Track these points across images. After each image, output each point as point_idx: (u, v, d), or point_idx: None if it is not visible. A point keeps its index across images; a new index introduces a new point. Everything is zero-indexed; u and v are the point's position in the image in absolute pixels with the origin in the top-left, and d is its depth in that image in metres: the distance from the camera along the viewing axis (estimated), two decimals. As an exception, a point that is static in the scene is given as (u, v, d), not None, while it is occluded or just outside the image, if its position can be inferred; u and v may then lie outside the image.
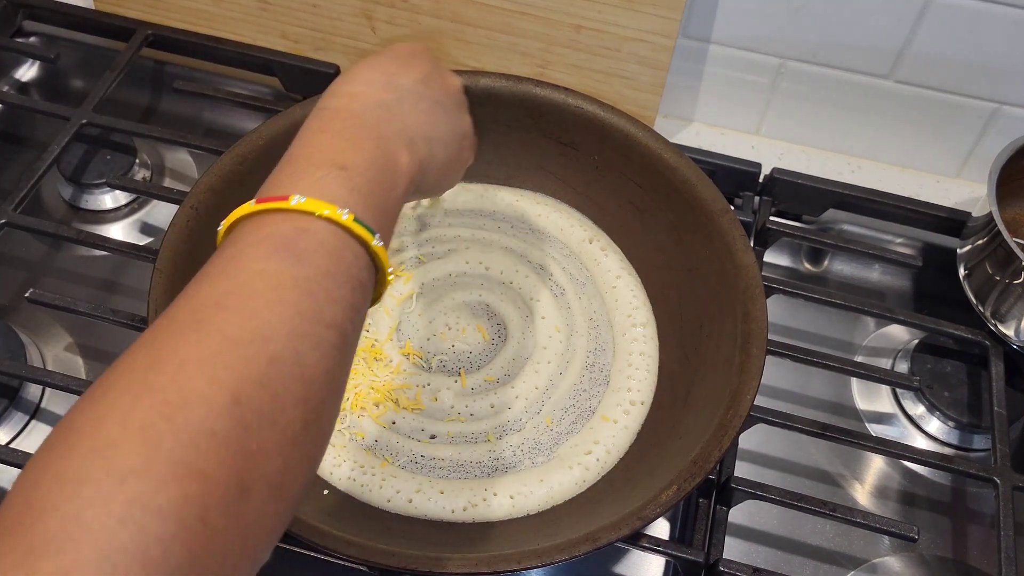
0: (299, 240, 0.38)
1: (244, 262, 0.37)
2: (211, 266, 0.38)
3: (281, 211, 0.39)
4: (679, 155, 0.69)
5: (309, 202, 0.39)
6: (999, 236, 0.69)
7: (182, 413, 0.31)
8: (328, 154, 0.43)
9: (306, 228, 0.39)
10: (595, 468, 0.63)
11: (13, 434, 0.68)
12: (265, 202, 0.40)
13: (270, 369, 0.34)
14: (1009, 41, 0.77)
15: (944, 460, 0.66)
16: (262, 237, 0.38)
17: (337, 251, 0.39)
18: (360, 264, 0.40)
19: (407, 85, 0.50)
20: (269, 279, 0.37)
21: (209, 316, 0.35)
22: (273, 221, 0.39)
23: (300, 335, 0.36)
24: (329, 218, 0.39)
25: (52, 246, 0.79)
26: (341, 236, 0.40)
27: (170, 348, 0.34)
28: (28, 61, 0.92)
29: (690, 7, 0.80)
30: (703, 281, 0.67)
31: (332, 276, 0.38)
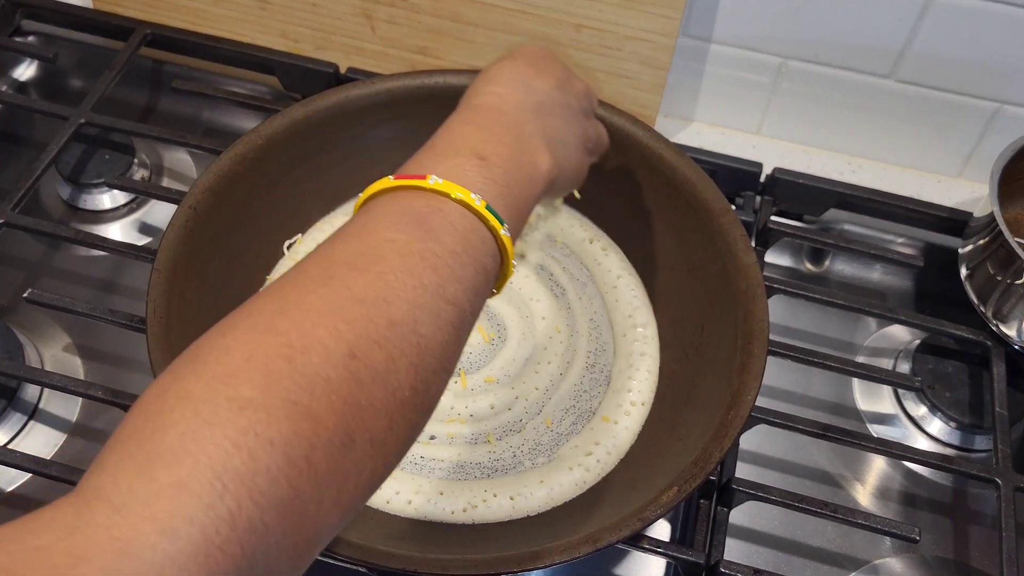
0: (431, 217, 0.40)
1: (377, 230, 0.39)
2: (345, 230, 0.40)
3: (417, 188, 0.41)
4: (680, 155, 0.69)
5: (445, 184, 0.41)
6: (1001, 236, 0.69)
7: (302, 357, 0.33)
8: (470, 143, 0.45)
9: (439, 207, 0.40)
10: (595, 469, 0.62)
11: (11, 435, 0.67)
12: (404, 179, 0.41)
13: (388, 332, 0.36)
14: (1011, 40, 0.76)
15: (945, 461, 0.66)
16: (396, 210, 0.40)
17: (466, 233, 0.41)
18: (486, 250, 0.42)
19: (544, 89, 0.52)
20: (398, 248, 0.38)
21: (338, 273, 0.37)
22: (408, 197, 0.41)
23: (421, 305, 0.37)
24: (462, 201, 0.41)
25: (50, 246, 0.78)
26: (471, 220, 0.41)
27: (297, 296, 0.35)
28: (26, 60, 0.92)
29: (691, 6, 0.80)
30: (704, 281, 0.67)
31: (458, 256, 0.40)
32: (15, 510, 0.64)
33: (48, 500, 0.64)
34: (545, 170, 0.48)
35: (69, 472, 0.61)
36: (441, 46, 0.84)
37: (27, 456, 0.62)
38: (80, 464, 0.63)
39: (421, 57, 0.86)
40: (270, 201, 0.70)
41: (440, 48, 0.85)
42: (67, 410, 0.69)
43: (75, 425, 0.69)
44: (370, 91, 0.71)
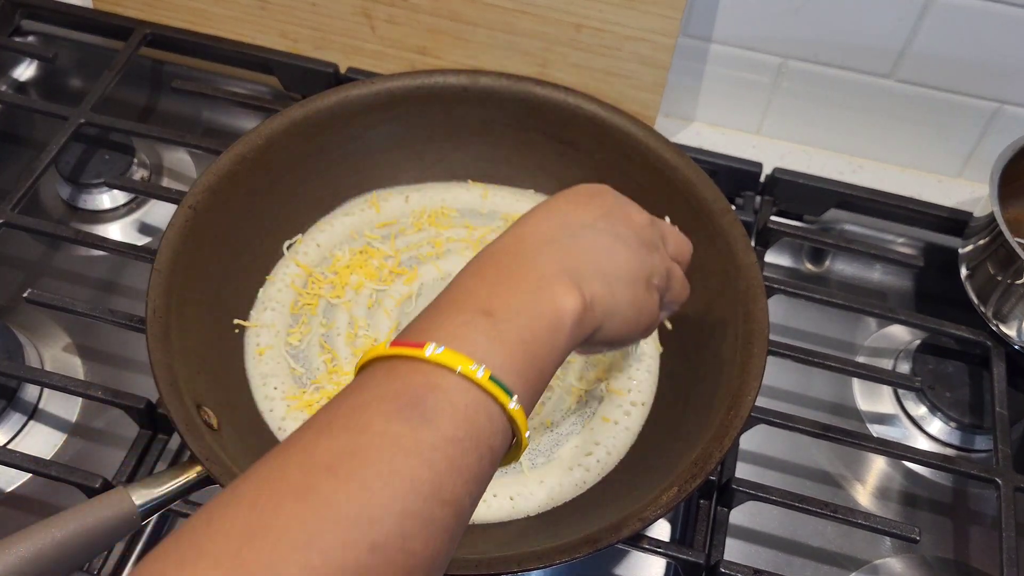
0: (428, 398, 0.35)
1: (366, 418, 0.35)
2: (334, 412, 0.36)
3: (414, 360, 0.37)
4: (680, 155, 0.69)
5: (444, 354, 0.36)
6: (1001, 236, 0.69)
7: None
8: (475, 298, 0.40)
9: (437, 384, 0.36)
10: (595, 469, 0.62)
11: (11, 435, 0.67)
12: (400, 346, 0.37)
13: (370, 558, 0.32)
14: (1011, 40, 0.76)
15: (946, 461, 0.66)
16: (390, 391, 0.36)
17: (469, 413, 0.36)
18: (493, 428, 0.37)
19: (584, 221, 0.46)
20: (389, 444, 0.34)
21: (318, 482, 0.32)
22: (405, 371, 0.36)
23: (411, 515, 0.33)
24: (462, 374, 0.36)
25: (50, 246, 0.78)
26: (475, 395, 0.36)
27: (270, 516, 0.32)
28: (26, 60, 0.92)
29: (691, 6, 0.80)
30: (704, 281, 0.66)
31: (459, 443, 0.35)
32: (15, 510, 0.64)
33: (48, 500, 0.63)
34: (571, 313, 0.41)
35: (69, 472, 0.61)
36: (441, 46, 0.84)
37: (27, 456, 0.62)
38: (80, 464, 0.62)
39: (421, 57, 0.86)
40: (270, 201, 0.70)
41: (440, 48, 0.85)
42: (67, 410, 0.69)
43: (75, 425, 0.69)
44: (370, 91, 0.71)
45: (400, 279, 0.71)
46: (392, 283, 0.71)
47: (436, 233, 0.74)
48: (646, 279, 0.47)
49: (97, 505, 0.49)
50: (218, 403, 0.59)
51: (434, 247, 0.74)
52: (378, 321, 0.69)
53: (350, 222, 0.74)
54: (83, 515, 0.49)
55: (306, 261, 0.71)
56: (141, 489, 0.51)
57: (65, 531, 0.48)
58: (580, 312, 0.41)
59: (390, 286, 0.71)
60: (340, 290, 0.70)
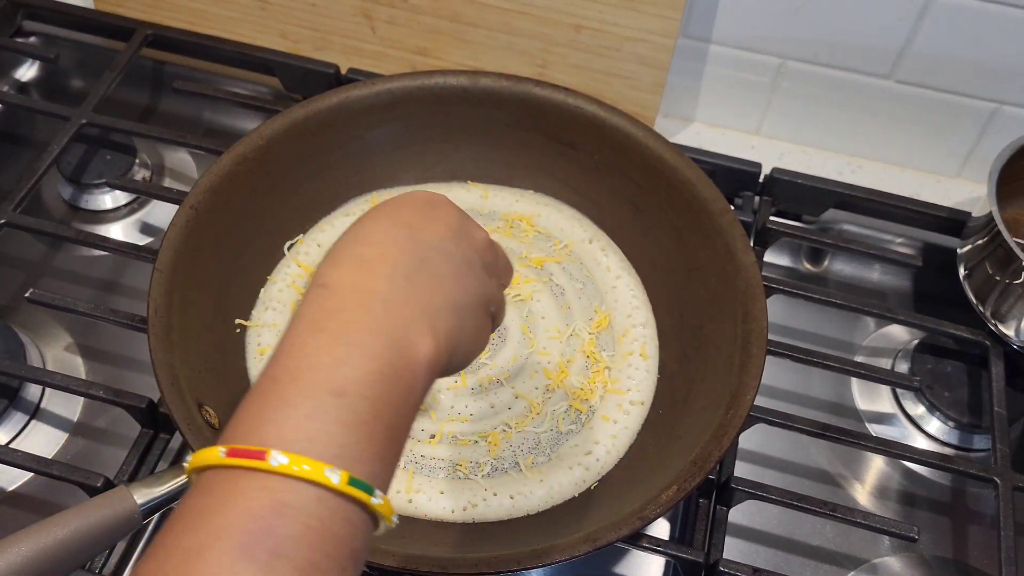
0: (278, 524, 0.31)
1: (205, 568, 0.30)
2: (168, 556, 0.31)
3: (256, 471, 0.32)
4: (679, 155, 0.69)
5: (293, 461, 0.31)
6: (999, 236, 0.69)
7: None
8: (323, 372, 0.34)
9: (288, 502, 0.31)
10: (595, 468, 0.63)
11: (13, 434, 0.68)
12: (238, 457, 0.32)
13: None
14: (1009, 41, 0.77)
15: (944, 460, 0.66)
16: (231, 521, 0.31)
17: (326, 527, 0.32)
18: (354, 532, 0.33)
19: (431, 240, 0.41)
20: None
21: None
22: (247, 489, 0.31)
23: None
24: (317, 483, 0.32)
25: (52, 246, 0.79)
26: (332, 504, 0.32)
27: None
28: (28, 61, 0.92)
29: (690, 7, 0.80)
30: (703, 281, 0.67)
31: (317, 567, 0.31)
32: (17, 509, 0.64)
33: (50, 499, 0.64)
34: (426, 363, 0.37)
35: (70, 471, 0.61)
36: (441, 46, 0.85)
37: (29, 455, 0.62)
38: (82, 463, 0.63)
39: (421, 58, 0.86)
40: (271, 201, 0.70)
41: (440, 48, 0.85)
42: (68, 410, 0.69)
43: (76, 424, 0.69)
44: (370, 92, 0.71)
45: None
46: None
47: (436, 233, 0.74)
48: (486, 303, 0.44)
49: (99, 504, 0.50)
50: (219, 402, 0.60)
51: (434, 247, 0.74)
52: (378, 321, 0.69)
53: (351, 222, 0.74)
54: (85, 514, 0.49)
55: (307, 261, 0.71)
56: (143, 488, 0.51)
57: (67, 530, 0.48)
58: (435, 357, 0.38)
59: None
60: (341, 290, 0.70)
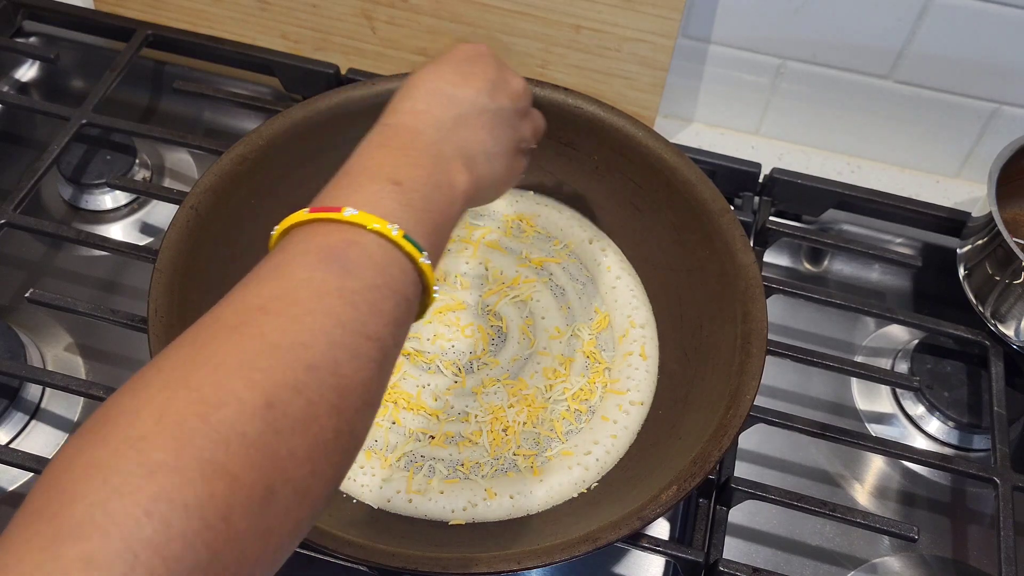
0: (347, 251, 0.39)
1: (292, 269, 0.38)
2: (259, 270, 0.39)
3: (333, 221, 0.40)
4: (679, 155, 0.69)
5: (361, 215, 0.40)
6: (999, 236, 0.69)
7: (216, 413, 0.32)
8: (385, 169, 0.44)
9: (355, 240, 0.39)
10: (595, 468, 0.63)
11: (13, 434, 0.68)
12: (318, 211, 0.40)
13: (306, 376, 0.35)
14: (1009, 41, 0.77)
15: (944, 460, 0.66)
16: (311, 247, 0.39)
17: (384, 265, 0.40)
18: (407, 279, 0.41)
19: (469, 97, 0.50)
20: (314, 288, 0.37)
21: (251, 319, 0.36)
22: (324, 231, 0.40)
23: (340, 345, 0.36)
24: (379, 232, 0.40)
25: (52, 246, 0.79)
26: (389, 251, 0.40)
27: (211, 348, 0.34)
28: (28, 61, 0.92)
29: (690, 7, 0.80)
30: (703, 281, 0.67)
31: (377, 289, 0.39)
32: (17, 509, 0.64)
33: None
34: (463, 190, 0.47)
35: (71, 471, 0.61)
36: (441, 47, 0.85)
37: (29, 455, 0.62)
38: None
39: (421, 58, 0.86)
40: (271, 201, 0.70)
41: (440, 49, 0.85)
42: (69, 410, 0.69)
43: (77, 424, 0.69)
44: (371, 92, 0.71)
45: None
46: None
47: (436, 233, 0.74)
48: (517, 146, 0.54)
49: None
50: (219, 402, 0.60)
51: (434, 247, 0.74)
52: (378, 321, 0.69)
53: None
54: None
55: (307, 261, 0.71)
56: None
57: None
58: (469, 189, 0.47)
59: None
60: (341, 290, 0.70)
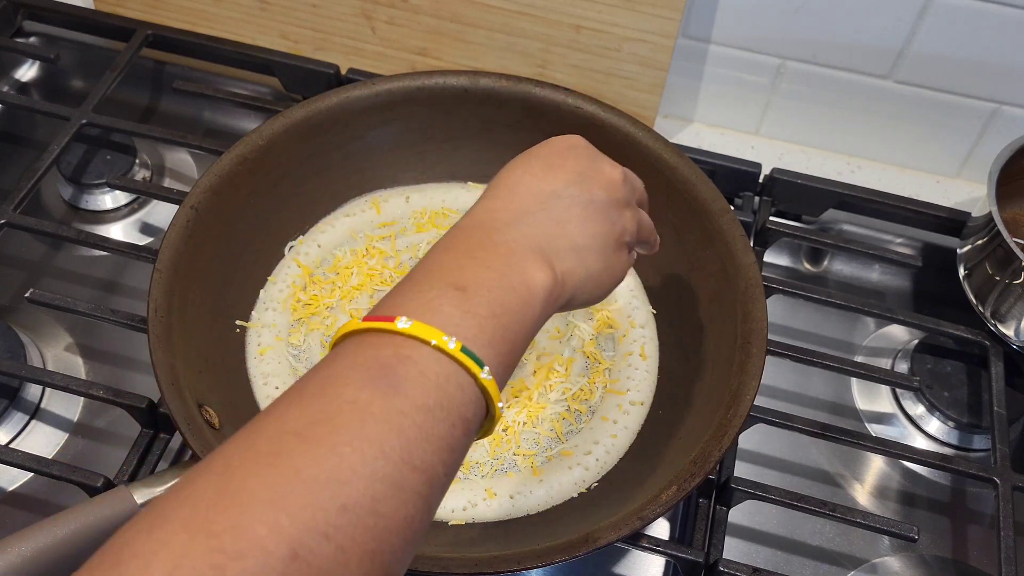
0: (399, 368, 0.36)
1: (337, 388, 0.35)
2: (305, 385, 0.36)
3: (386, 332, 0.37)
4: (679, 155, 0.69)
5: (416, 326, 0.37)
6: (999, 236, 0.69)
7: (235, 565, 0.29)
8: (448, 273, 0.41)
9: (408, 355, 0.36)
10: (595, 468, 0.63)
11: (13, 434, 0.68)
12: (372, 320, 0.38)
13: (340, 518, 0.32)
14: (1009, 41, 0.77)
15: (944, 460, 0.66)
16: (360, 361, 0.36)
17: (439, 383, 0.36)
18: (466, 398, 0.37)
19: (555, 190, 0.46)
20: (359, 411, 0.34)
21: (288, 448, 0.33)
22: (376, 343, 0.37)
23: (382, 478, 0.33)
24: (435, 346, 0.37)
25: (52, 246, 0.79)
26: (446, 366, 0.37)
27: (239, 481, 0.32)
28: (28, 61, 0.92)
29: (690, 7, 0.80)
30: (703, 281, 0.67)
31: (430, 411, 0.35)
32: (17, 509, 0.65)
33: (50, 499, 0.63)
34: (542, 287, 0.42)
35: (70, 471, 0.61)
36: (441, 47, 0.85)
37: (29, 455, 0.62)
38: (82, 463, 0.63)
39: (421, 58, 0.86)
40: (271, 201, 0.70)
41: (440, 49, 0.85)
42: (68, 410, 0.69)
43: (76, 424, 0.69)
44: (370, 92, 0.72)
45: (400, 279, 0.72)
46: (392, 284, 0.71)
47: (437, 234, 0.75)
48: (616, 240, 0.49)
49: (99, 504, 0.50)
50: (220, 402, 0.60)
51: (434, 247, 0.74)
52: (378, 321, 0.69)
53: (351, 223, 0.74)
54: (85, 514, 0.49)
55: (307, 262, 0.71)
56: (143, 488, 0.51)
57: (67, 530, 0.48)
58: (551, 287, 0.43)
59: (390, 287, 0.71)
60: (341, 290, 0.70)
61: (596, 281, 0.48)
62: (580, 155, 0.49)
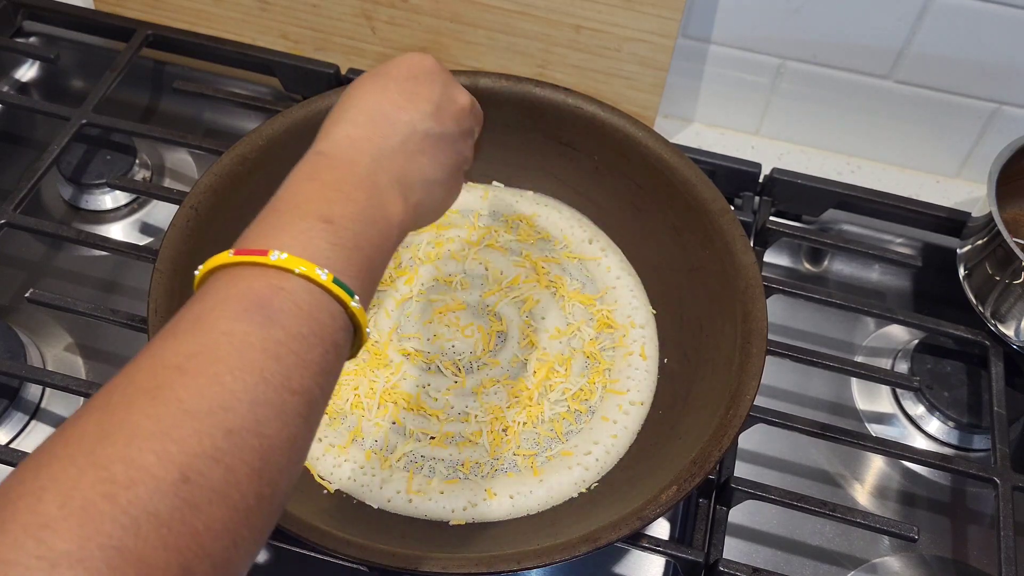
0: (273, 299, 0.37)
1: (213, 321, 0.36)
2: (179, 322, 0.37)
3: (258, 265, 0.38)
4: (679, 155, 0.69)
5: (288, 259, 0.38)
6: (999, 236, 0.69)
7: (126, 493, 0.30)
8: (315, 205, 0.41)
9: (281, 286, 0.37)
10: (595, 468, 0.63)
11: (13, 434, 0.68)
12: (243, 254, 0.38)
13: (226, 442, 0.33)
14: (1009, 41, 0.77)
15: (944, 460, 0.66)
16: (234, 294, 0.37)
17: (312, 311, 0.38)
18: (336, 325, 0.39)
19: (412, 121, 0.48)
20: (236, 341, 0.35)
21: (168, 381, 0.33)
22: (249, 276, 0.38)
23: (263, 403, 0.34)
24: (307, 276, 0.38)
25: (52, 246, 0.79)
26: (318, 295, 0.38)
27: (122, 415, 0.32)
28: (28, 61, 0.92)
29: (690, 7, 0.80)
30: (703, 281, 0.67)
31: (304, 338, 0.37)
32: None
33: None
34: (398, 221, 0.45)
35: (71, 471, 0.61)
36: (441, 47, 0.85)
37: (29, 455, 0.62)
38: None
39: (421, 58, 0.86)
40: (271, 201, 0.70)
41: (440, 49, 0.85)
42: (69, 410, 0.69)
43: (77, 425, 0.69)
44: (370, 92, 0.71)
45: (400, 279, 0.72)
46: (392, 283, 0.71)
47: (436, 234, 0.75)
48: (459, 168, 0.52)
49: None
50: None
51: (434, 247, 0.74)
52: (379, 321, 0.69)
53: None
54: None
55: (307, 261, 0.71)
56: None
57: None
58: (406, 219, 0.46)
59: (390, 287, 0.71)
60: (341, 290, 0.70)
61: (438, 208, 0.51)
62: (435, 81, 0.50)
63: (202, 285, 0.39)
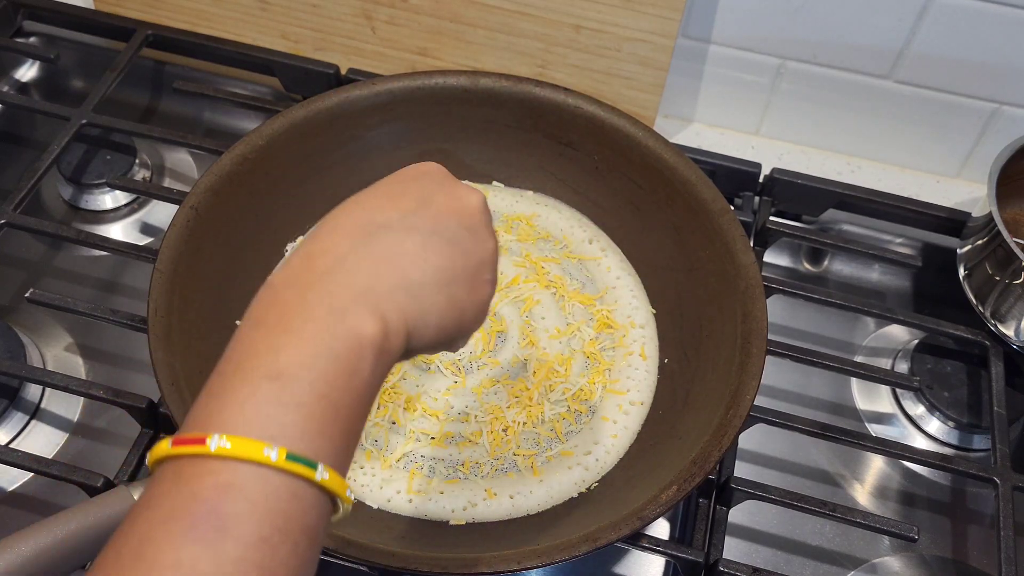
0: (220, 504, 0.31)
1: (157, 548, 0.31)
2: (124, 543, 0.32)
3: (200, 457, 0.32)
4: (679, 155, 0.69)
5: (232, 444, 0.32)
6: (999, 236, 0.69)
7: None
8: (261, 359, 0.35)
9: (230, 483, 0.32)
10: (595, 468, 0.63)
11: (13, 434, 0.68)
12: (182, 444, 0.33)
13: None
14: (1009, 41, 0.77)
15: (944, 460, 0.66)
16: (180, 505, 0.32)
17: (270, 504, 0.32)
18: (303, 507, 0.33)
19: (387, 221, 0.40)
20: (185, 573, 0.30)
21: None
22: (192, 475, 0.32)
23: None
24: (256, 462, 0.32)
25: (52, 246, 0.79)
26: (274, 481, 0.32)
27: None
28: (28, 61, 0.92)
29: (690, 7, 0.80)
30: (703, 281, 0.67)
31: (265, 542, 0.31)
32: (17, 509, 0.65)
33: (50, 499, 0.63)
34: (370, 343, 0.36)
35: (70, 471, 0.61)
36: (441, 47, 0.85)
37: (29, 455, 0.62)
38: (82, 463, 0.63)
39: (421, 58, 0.86)
40: (271, 201, 0.70)
41: (440, 49, 0.85)
42: (68, 410, 0.69)
43: (76, 424, 0.69)
44: (370, 92, 0.72)
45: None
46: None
47: (436, 233, 0.75)
48: (471, 273, 0.42)
49: (99, 504, 0.50)
50: (219, 402, 0.60)
51: (434, 247, 0.74)
52: (378, 321, 0.69)
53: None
54: (85, 514, 0.49)
55: (307, 261, 0.71)
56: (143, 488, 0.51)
57: (67, 530, 0.48)
58: (381, 338, 0.37)
59: None
60: (341, 290, 0.70)
61: (440, 321, 0.40)
62: (427, 182, 0.43)
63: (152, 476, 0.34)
